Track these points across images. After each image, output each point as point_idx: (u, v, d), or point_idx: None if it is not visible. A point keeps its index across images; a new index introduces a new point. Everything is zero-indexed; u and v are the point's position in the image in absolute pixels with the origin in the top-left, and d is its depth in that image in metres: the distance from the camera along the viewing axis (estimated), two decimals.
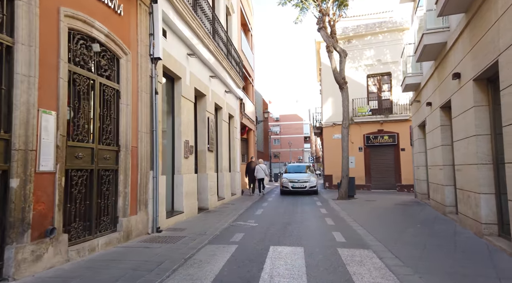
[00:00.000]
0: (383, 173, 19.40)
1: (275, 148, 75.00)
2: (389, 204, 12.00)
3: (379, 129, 19.49)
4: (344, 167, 14.06)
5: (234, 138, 14.72)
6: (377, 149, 19.62)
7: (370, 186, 19.45)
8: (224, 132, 12.84)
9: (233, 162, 14.64)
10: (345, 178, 13.91)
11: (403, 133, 18.88)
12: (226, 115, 13.28)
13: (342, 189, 13.81)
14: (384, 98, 19.69)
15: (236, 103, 15.26)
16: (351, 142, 19.81)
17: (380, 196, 15.54)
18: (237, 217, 9.35)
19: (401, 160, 18.94)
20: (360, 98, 19.81)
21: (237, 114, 15.55)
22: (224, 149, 12.76)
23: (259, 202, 13.27)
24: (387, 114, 19.05)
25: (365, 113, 19.50)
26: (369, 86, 20.17)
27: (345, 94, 14.28)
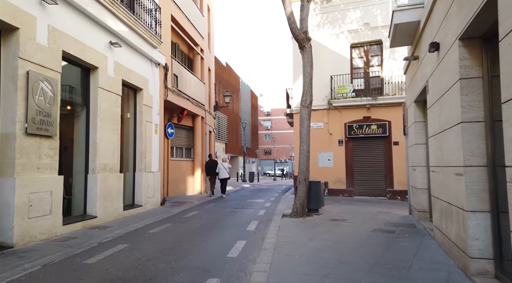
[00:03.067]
0: (370, 175, 14.60)
1: (266, 144, 70.28)
2: (366, 228, 7.20)
3: (365, 117, 14.66)
4: (302, 166, 9.25)
5: (143, 122, 9.90)
6: (362, 143, 14.81)
7: (353, 192, 14.64)
8: (108, 109, 8.03)
9: (142, 157, 9.82)
10: (302, 184, 9.10)
11: (397, 122, 14.05)
12: (116, 83, 8.47)
13: (297, 200, 9.00)
14: (372, 75, 14.85)
15: (150, 71, 10.44)
16: (328, 133, 15.01)
17: (361, 208, 10.73)
18: None
19: (394, 157, 14.13)
20: (341, 75, 14.96)
21: (155, 88, 10.71)
22: (107, 135, 7.97)
23: (162, 219, 8.49)
24: (376, 96, 14.22)
25: (348, 95, 14.67)
26: (354, 60, 15.31)
27: (307, 57, 9.44)
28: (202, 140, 16.04)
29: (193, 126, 15.67)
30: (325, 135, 15.13)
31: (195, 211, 10.02)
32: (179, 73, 13.00)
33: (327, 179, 14.86)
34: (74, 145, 7.69)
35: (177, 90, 12.67)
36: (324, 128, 15.23)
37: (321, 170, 15.01)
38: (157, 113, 10.89)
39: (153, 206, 10.36)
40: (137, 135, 9.87)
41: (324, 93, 15.18)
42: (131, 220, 8.26)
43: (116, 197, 8.29)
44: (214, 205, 11.64)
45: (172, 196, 13.75)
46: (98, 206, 7.57)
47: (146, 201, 9.90)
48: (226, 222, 8.19)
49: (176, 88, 12.65)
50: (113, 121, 8.28)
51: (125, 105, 9.75)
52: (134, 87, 9.70)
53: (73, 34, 6.83)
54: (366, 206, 11.30)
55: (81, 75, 7.65)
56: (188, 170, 15.22)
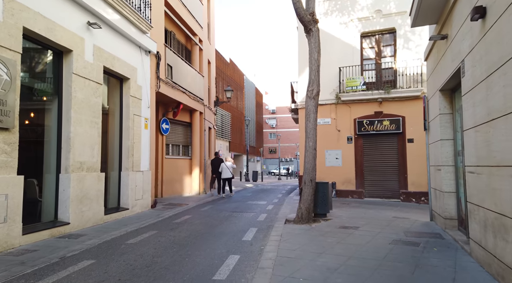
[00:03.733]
0: (381, 175, 13.43)
1: (271, 142, 69.13)
2: (384, 239, 6.08)
3: (376, 112, 13.49)
4: (308, 165, 8.14)
5: (130, 115, 8.86)
6: (373, 140, 13.64)
7: (363, 193, 13.49)
8: (85, 99, 7.00)
9: (128, 154, 8.79)
10: (308, 185, 7.99)
11: (412, 117, 12.89)
12: (95, 69, 7.45)
13: (302, 204, 7.90)
14: (385, 66, 13.66)
15: (139, 59, 9.39)
16: (336, 130, 13.88)
17: (374, 212, 9.60)
18: None
19: (408, 155, 12.95)
20: (350, 67, 13.80)
21: (145, 78, 9.67)
22: (84, 129, 6.94)
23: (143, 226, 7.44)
24: (389, 90, 13.03)
25: (357, 88, 13.50)
26: (364, 50, 14.13)
27: (314, 42, 8.32)
28: (201, 137, 14.98)
29: (191, 122, 14.61)
30: (332, 132, 14.00)
31: (188, 215, 8.96)
32: (174, 63, 11.94)
33: (335, 179, 13.73)
34: (45, 140, 6.66)
35: (172, 82, 11.61)
36: (332, 125, 14.09)
37: (328, 170, 13.89)
38: (148, 106, 9.84)
39: (142, 208, 9.32)
40: (124, 130, 8.83)
41: (332, 86, 14.04)
42: (112, 226, 7.22)
43: (96, 200, 7.26)
44: (210, 207, 10.58)
45: (167, 197, 12.73)
46: (72, 210, 6.54)
47: (133, 204, 8.87)
48: (220, 229, 7.11)
49: (171, 79, 11.59)
50: (92, 114, 7.25)
51: (109, 96, 8.72)
52: (120, 76, 8.66)
53: (38, 9, 5.80)
54: (379, 210, 10.16)
55: (52, 59, 6.62)
56: (186, 168, 14.19)
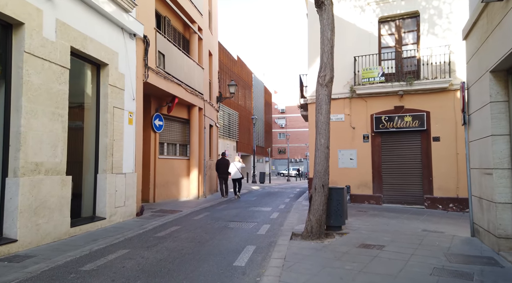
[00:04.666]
0: (402, 177, 11.86)
1: (280, 142, 67.57)
2: (421, 266, 4.58)
3: (397, 106, 11.92)
4: (318, 166, 6.66)
5: (109, 108, 7.51)
6: (393, 138, 12.08)
7: (381, 198, 11.94)
8: (43, 85, 5.67)
9: (106, 154, 7.43)
10: (319, 192, 6.51)
11: (438, 112, 11.30)
12: (59, 50, 6.15)
13: (312, 214, 6.42)
14: (406, 55, 12.08)
15: (122, 42, 8.06)
16: (351, 127, 12.37)
17: (398, 223, 8.08)
18: None
19: (433, 155, 11.36)
20: (366, 56, 12.25)
21: (129, 66, 8.32)
22: (41, 123, 5.62)
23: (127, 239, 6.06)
24: (412, 81, 11.45)
25: (375, 80, 11.95)
26: (382, 37, 12.57)
27: (327, 18, 6.85)
28: (200, 135, 13.61)
29: (189, 119, 13.25)
30: (346, 130, 12.48)
31: (176, 226, 7.57)
32: (168, 51, 10.58)
33: (349, 182, 12.21)
34: None
35: (164, 72, 10.24)
36: (346, 121, 12.58)
37: (341, 172, 12.38)
38: (133, 98, 8.50)
39: (124, 217, 7.96)
40: (100, 125, 7.48)
41: (346, 78, 12.52)
42: (77, 242, 5.86)
43: (58, 210, 5.92)
44: (206, 215, 9.17)
45: (160, 202, 11.38)
46: (21, 224, 5.20)
47: (112, 212, 7.51)
48: (209, 247, 5.69)
49: (163, 69, 10.23)
50: (55, 104, 5.91)
51: (84, 85, 7.39)
52: (96, 62, 7.32)
53: None
54: (403, 220, 8.62)
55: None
56: (183, 170, 12.83)
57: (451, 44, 11.23)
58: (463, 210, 10.74)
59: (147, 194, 10.99)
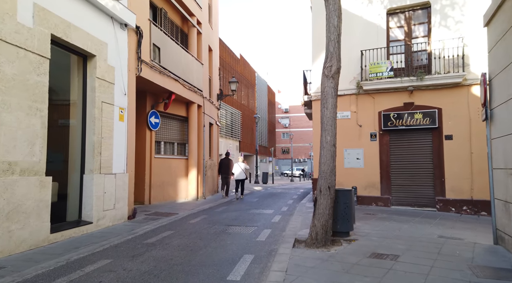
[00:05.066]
0: (412, 178, 11.20)
1: (284, 142, 66.92)
2: (442, 277, 3.94)
3: (406, 103, 11.26)
4: (324, 166, 6.02)
5: (97, 103, 6.93)
6: (402, 136, 11.42)
7: (390, 200, 11.28)
8: (18, 75, 5.11)
9: (94, 153, 6.85)
10: (325, 194, 5.88)
11: (451, 109, 10.64)
12: (37, 37, 5.61)
13: (317, 219, 5.80)
14: (416, 49, 11.40)
15: (111, 32, 7.49)
16: (357, 125, 11.73)
17: (411, 228, 7.44)
18: None
19: (446, 155, 10.68)
20: (374, 50, 11.60)
21: (120, 58, 7.75)
22: (16, 117, 5.05)
23: None
24: (422, 76, 10.78)
25: (383, 75, 11.29)
26: (391, 30, 11.91)
27: (334, 3, 6.22)
28: (199, 134, 13.01)
29: (187, 117, 12.66)
30: (353, 128, 11.84)
31: (169, 231, 6.97)
32: (163, 45, 10.00)
33: (356, 183, 11.55)
34: None
35: (159, 66, 9.66)
36: (352, 119, 11.93)
37: (347, 172, 11.74)
38: (124, 93, 7.92)
39: (114, 221, 7.38)
40: (87, 121, 6.90)
41: (352, 73, 11.88)
42: (56, 250, 5.29)
43: (36, 214, 5.34)
44: (203, 219, 8.58)
45: (156, 204, 10.80)
46: None
47: (100, 216, 6.93)
48: (202, 256, 5.09)
49: (158, 63, 9.65)
50: (32, 97, 5.34)
51: (70, 78, 6.82)
52: (82, 52, 6.74)
53: None
54: (416, 224, 7.97)
55: None
56: (181, 170, 12.25)
57: (464, 37, 10.55)
58: (478, 213, 10.07)
59: (142, 195, 10.42)
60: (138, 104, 10.45)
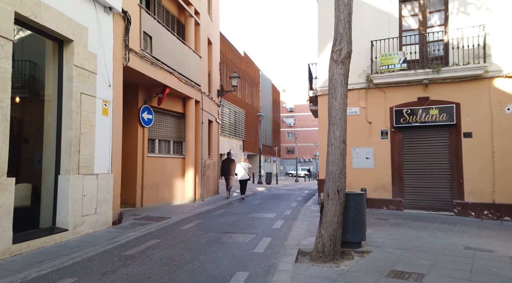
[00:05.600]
0: (427, 179, 10.28)
1: (289, 142, 65.99)
2: None
3: (421, 98, 10.34)
4: (332, 167, 5.15)
5: (74, 94, 6.12)
6: (416, 134, 10.50)
7: (402, 203, 10.37)
8: None
9: (71, 150, 6.04)
10: (333, 199, 5.02)
11: (470, 104, 9.72)
12: None
13: (325, 228, 4.94)
14: (432, 39, 10.48)
15: (93, 16, 6.71)
16: (367, 122, 10.85)
17: (429, 236, 6.54)
18: None
19: (464, 154, 9.76)
20: (385, 40, 10.70)
21: (104, 45, 6.94)
22: None
23: None
24: (439, 68, 9.85)
25: (395, 67, 10.39)
26: (404, 19, 10.99)
27: None
28: (197, 131, 12.19)
29: (184, 113, 11.85)
30: (362, 125, 10.95)
31: (156, 239, 6.15)
32: (156, 33, 9.20)
33: (365, 184, 10.64)
34: None
35: (150, 56, 8.85)
36: (361, 115, 11.04)
37: (356, 173, 10.85)
38: (108, 84, 7.11)
39: (95, 227, 6.58)
40: (63, 115, 6.11)
41: (361, 66, 10.98)
42: (15, 265, 4.48)
43: None
44: (197, 224, 7.75)
45: (149, 206, 10.01)
46: None
47: (77, 222, 6.13)
48: (186, 273, 4.25)
49: (149, 53, 8.84)
50: None
51: (39, 64, 6.03)
52: (57, 36, 5.95)
53: None
54: (435, 231, 7.07)
55: None
56: (177, 170, 11.44)
57: (486, 24, 9.61)
58: (501, 218, 9.14)
59: (133, 197, 9.63)
60: (129, 99, 9.70)
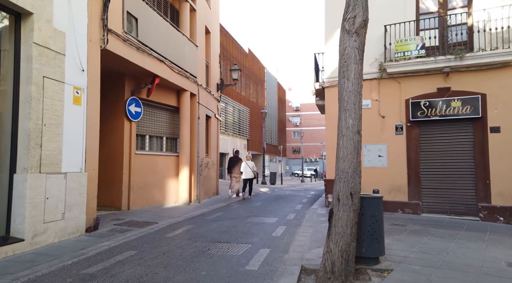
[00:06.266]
0: (448, 180, 9.16)
1: (295, 141, 64.80)
2: None
3: (441, 88, 9.22)
4: (343, 163, 4.09)
5: (35, 78, 5.14)
6: (435, 129, 9.39)
7: (419, 206, 9.26)
8: None
9: (30, 145, 5.05)
10: (345, 205, 3.95)
11: (498, 94, 8.60)
12: None
13: (334, 242, 3.88)
14: (454, 22, 9.34)
15: None
16: (379, 116, 9.79)
17: (458, 247, 5.45)
18: None
19: (491, 151, 8.62)
20: (400, 24, 9.59)
21: (75, 22, 5.96)
22: None
23: None
24: (462, 54, 8.71)
25: (412, 54, 9.27)
26: (421, 1, 9.87)
27: None
28: (192, 127, 11.18)
29: (178, 107, 10.84)
30: (374, 119, 9.85)
31: (131, 250, 5.14)
32: (143, 15, 8.21)
33: (377, 185, 9.43)
34: None
35: (136, 41, 7.86)
36: (373, 109, 9.95)
37: (367, 172, 9.69)
38: (81, 69, 6.12)
39: (62, 236, 5.59)
40: (21, 102, 5.12)
41: (373, 54, 9.89)
42: None
43: None
44: (185, 231, 6.74)
45: (137, 209, 9.02)
46: None
47: (38, 230, 5.14)
48: None
49: (135, 37, 7.85)
50: None
51: None
52: (13, 9, 4.97)
53: None
54: (465, 242, 5.96)
55: None
56: (170, 169, 10.44)
57: None
58: None
59: (118, 199, 8.65)
60: (114, 90, 8.75)
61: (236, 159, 13.00)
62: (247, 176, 12.79)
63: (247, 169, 12.71)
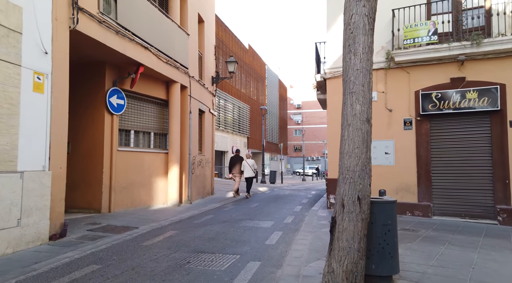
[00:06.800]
0: (462, 179, 8.30)
1: (296, 139, 63.87)
2: None
3: (454, 78, 8.34)
4: (349, 159, 3.26)
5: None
6: (448, 123, 8.51)
7: (430, 208, 8.40)
8: None
9: None
10: (351, 210, 3.12)
11: None
12: None
13: (337, 260, 3.04)
14: (469, 6, 8.45)
15: None
16: (386, 109, 8.94)
17: (482, 258, 4.59)
18: None
19: (511, 148, 7.74)
20: (410, 8, 8.71)
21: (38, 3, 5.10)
22: None
23: None
24: (479, 40, 7.83)
25: (423, 40, 8.39)
26: None
27: None
28: (183, 122, 10.33)
29: (168, 100, 10.00)
30: (380, 113, 8.98)
31: (95, 265, 4.31)
32: None
33: (384, 185, 8.47)
34: None
35: (114, 24, 7.00)
36: (379, 101, 9.09)
37: (373, 171, 8.78)
38: (44, 51, 5.28)
39: (18, 246, 4.77)
40: None
41: (380, 42, 9.00)
42: None
43: None
44: (167, 238, 5.90)
45: (120, 211, 8.19)
46: None
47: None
48: None
49: (113, 19, 7.00)
50: None
51: None
52: None
53: None
54: (489, 252, 5.09)
55: None
56: (158, 167, 9.61)
57: None
58: None
59: (98, 201, 7.81)
60: (93, 79, 7.95)
61: (237, 157, 12.69)
62: (247, 174, 12.59)
63: (247, 168, 12.50)
